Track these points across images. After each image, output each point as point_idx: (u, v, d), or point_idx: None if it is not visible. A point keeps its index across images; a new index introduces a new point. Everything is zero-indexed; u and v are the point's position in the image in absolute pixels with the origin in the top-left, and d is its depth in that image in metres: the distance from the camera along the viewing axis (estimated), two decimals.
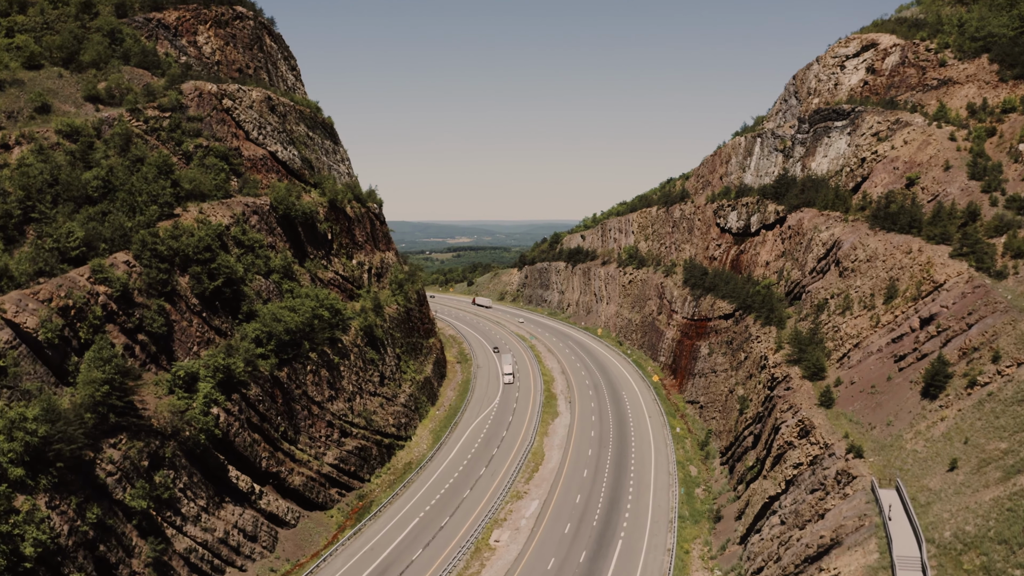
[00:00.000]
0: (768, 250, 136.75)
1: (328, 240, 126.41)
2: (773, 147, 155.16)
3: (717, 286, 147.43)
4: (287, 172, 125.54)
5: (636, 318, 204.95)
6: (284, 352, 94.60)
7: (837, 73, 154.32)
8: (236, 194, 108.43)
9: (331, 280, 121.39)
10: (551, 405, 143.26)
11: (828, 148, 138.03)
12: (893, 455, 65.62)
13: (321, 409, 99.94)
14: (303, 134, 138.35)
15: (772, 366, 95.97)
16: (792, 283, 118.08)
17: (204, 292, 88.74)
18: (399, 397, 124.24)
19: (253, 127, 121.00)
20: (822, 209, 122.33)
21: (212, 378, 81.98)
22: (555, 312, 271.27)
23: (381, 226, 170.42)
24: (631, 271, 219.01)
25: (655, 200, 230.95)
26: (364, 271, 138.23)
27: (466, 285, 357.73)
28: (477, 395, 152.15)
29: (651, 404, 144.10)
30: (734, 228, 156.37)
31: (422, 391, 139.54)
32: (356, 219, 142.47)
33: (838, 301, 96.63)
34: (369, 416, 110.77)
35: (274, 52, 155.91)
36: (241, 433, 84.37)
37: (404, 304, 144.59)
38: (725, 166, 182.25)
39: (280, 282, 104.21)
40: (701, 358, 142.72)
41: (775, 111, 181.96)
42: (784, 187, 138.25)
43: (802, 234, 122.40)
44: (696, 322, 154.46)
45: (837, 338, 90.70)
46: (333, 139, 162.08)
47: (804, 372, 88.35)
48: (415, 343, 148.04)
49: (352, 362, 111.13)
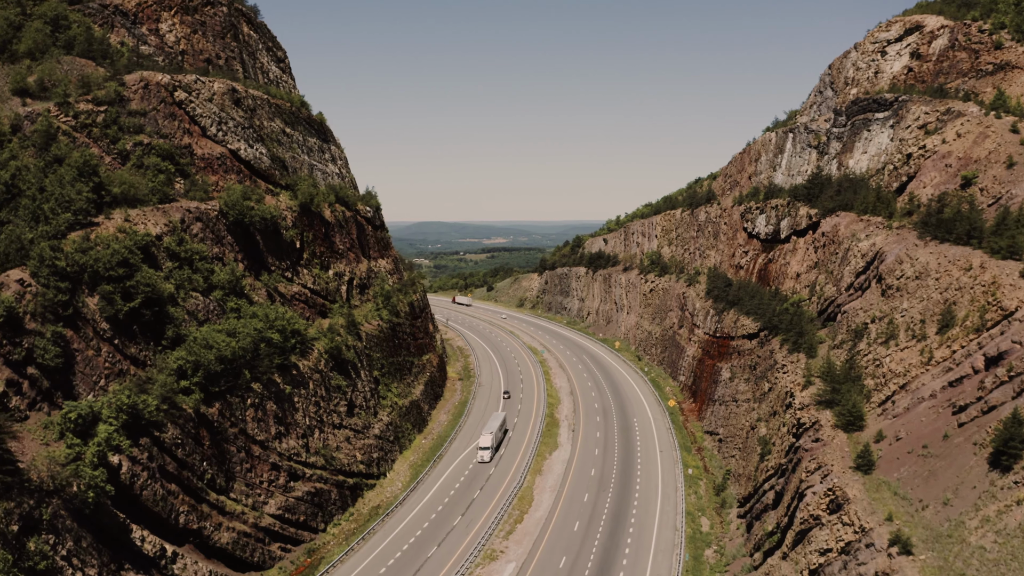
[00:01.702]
0: (799, 260, 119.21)
1: (297, 249, 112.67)
2: (806, 143, 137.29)
3: (741, 300, 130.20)
4: (251, 172, 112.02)
5: (656, 331, 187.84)
6: (216, 384, 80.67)
7: (877, 60, 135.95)
8: (180, 198, 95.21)
9: (296, 295, 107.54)
10: (551, 434, 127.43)
11: (868, 143, 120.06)
12: (952, 551, 48.72)
13: (264, 449, 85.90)
14: (277, 130, 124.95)
15: (799, 407, 78.87)
16: (825, 300, 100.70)
17: (117, 315, 75.23)
18: (372, 428, 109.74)
19: (211, 122, 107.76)
20: (861, 213, 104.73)
21: (116, 419, 68.45)
22: (574, 321, 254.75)
23: (375, 231, 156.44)
24: (653, 279, 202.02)
25: (680, 202, 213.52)
26: (343, 283, 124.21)
27: (486, 290, 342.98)
28: (472, 420, 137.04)
29: (664, 435, 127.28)
30: (762, 233, 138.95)
31: (406, 417, 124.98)
32: (337, 224, 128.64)
33: (880, 327, 79.30)
34: (330, 454, 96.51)
35: (253, 42, 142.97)
36: (151, 485, 70.60)
37: (389, 319, 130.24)
38: (754, 165, 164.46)
39: (224, 300, 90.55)
40: (722, 383, 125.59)
41: (809, 104, 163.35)
42: (818, 188, 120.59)
43: (838, 242, 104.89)
44: (718, 340, 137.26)
45: (879, 375, 73.44)
46: (321, 136, 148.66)
47: (837, 419, 71.21)
48: (402, 362, 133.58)
49: (311, 391, 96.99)
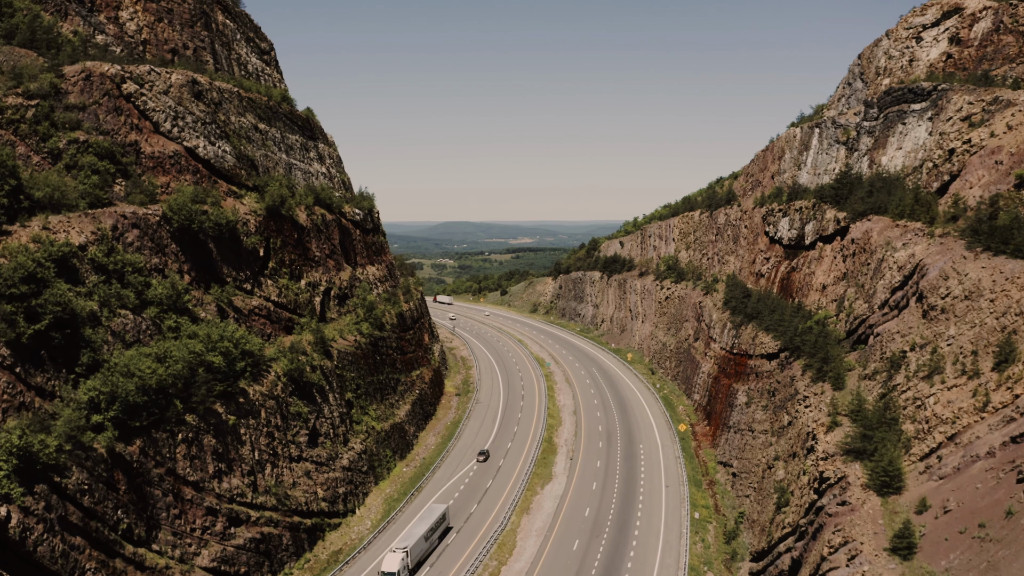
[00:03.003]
0: (825, 269, 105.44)
1: (260, 257, 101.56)
2: (834, 138, 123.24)
3: (761, 314, 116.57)
4: (210, 172, 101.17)
5: (671, 342, 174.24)
6: (137, 418, 69.54)
7: (912, 47, 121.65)
8: (119, 202, 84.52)
9: (256, 310, 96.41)
10: (547, 463, 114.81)
11: (903, 138, 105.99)
12: None
13: (198, 491, 74.67)
14: (247, 126, 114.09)
15: (822, 456, 65.48)
16: (855, 319, 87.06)
17: (20, 339, 64.52)
18: (340, 459, 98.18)
19: (165, 117, 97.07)
20: (897, 218, 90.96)
21: (5, 463, 57.69)
22: (587, 329, 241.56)
23: (364, 236, 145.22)
24: (669, 285, 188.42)
25: (699, 203, 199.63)
26: (317, 294, 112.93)
27: (499, 294, 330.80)
28: (463, 443, 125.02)
29: (672, 465, 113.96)
30: (785, 238, 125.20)
31: (386, 443, 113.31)
32: (315, 229, 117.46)
33: (922, 357, 65.77)
34: (284, 492, 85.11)
35: (230, 32, 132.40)
36: (47, 539, 59.51)
37: (370, 333, 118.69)
38: (777, 163, 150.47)
39: (160, 318, 79.55)
40: (738, 407, 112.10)
41: (837, 97, 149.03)
42: (847, 188, 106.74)
43: (870, 251, 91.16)
44: (735, 357, 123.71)
45: (921, 419, 60.00)
46: (306, 134, 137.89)
47: (869, 477, 57.83)
48: (385, 381, 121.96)
49: (263, 420, 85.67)
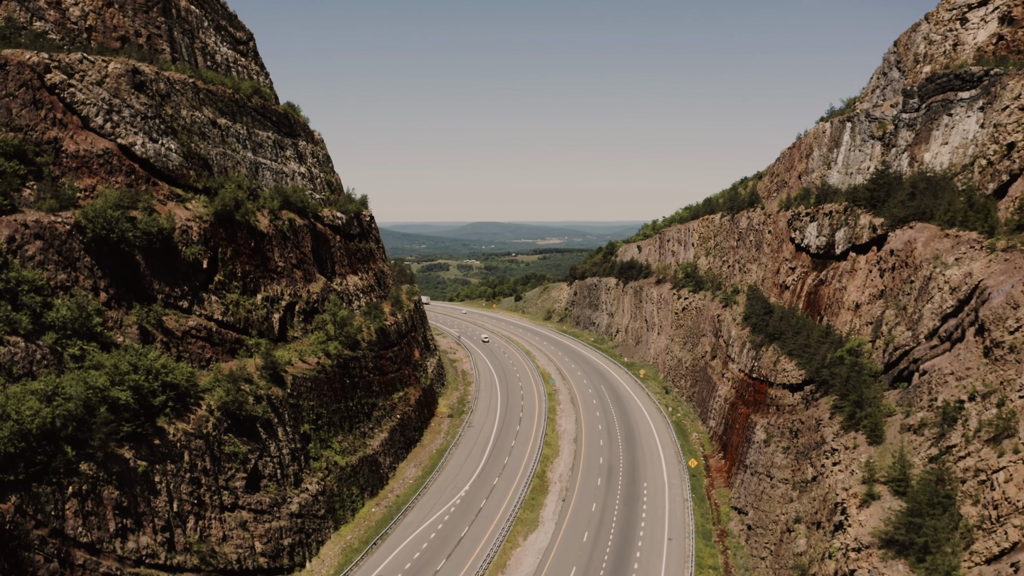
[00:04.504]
0: (859, 285, 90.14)
1: (203, 270, 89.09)
2: (868, 133, 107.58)
3: (783, 335, 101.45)
4: (150, 173, 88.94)
5: (687, 359, 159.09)
6: (12, 470, 57.24)
7: (956, 30, 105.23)
8: (26, 208, 72.48)
9: (193, 331, 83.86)
10: (535, 505, 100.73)
11: (949, 131, 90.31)
12: None
13: (94, 554, 62.07)
14: (203, 121, 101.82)
15: (854, 546, 50.62)
16: (896, 349, 71.90)
17: None
18: (289, 503, 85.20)
19: (97, 111, 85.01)
20: (946, 226, 75.56)
21: None
22: (602, 339, 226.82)
23: (346, 242, 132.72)
24: (686, 295, 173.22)
25: (720, 205, 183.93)
26: (277, 310, 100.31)
27: (514, 300, 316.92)
28: (445, 477, 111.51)
29: (679, 510, 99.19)
30: (812, 246, 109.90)
31: (352, 480, 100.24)
32: (279, 236, 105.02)
33: (986, 411, 50.75)
34: (209, 549, 72.30)
35: (194, 19, 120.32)
36: None
37: (338, 354, 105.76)
38: (805, 161, 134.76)
39: (62, 344, 67.26)
40: (756, 445, 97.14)
41: (870, 89, 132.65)
42: (883, 189, 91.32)
43: (913, 266, 75.89)
44: (754, 382, 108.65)
45: (987, 500, 45.12)
46: (282, 130, 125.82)
47: None
48: (357, 407, 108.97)
49: (186, 464, 72.91)
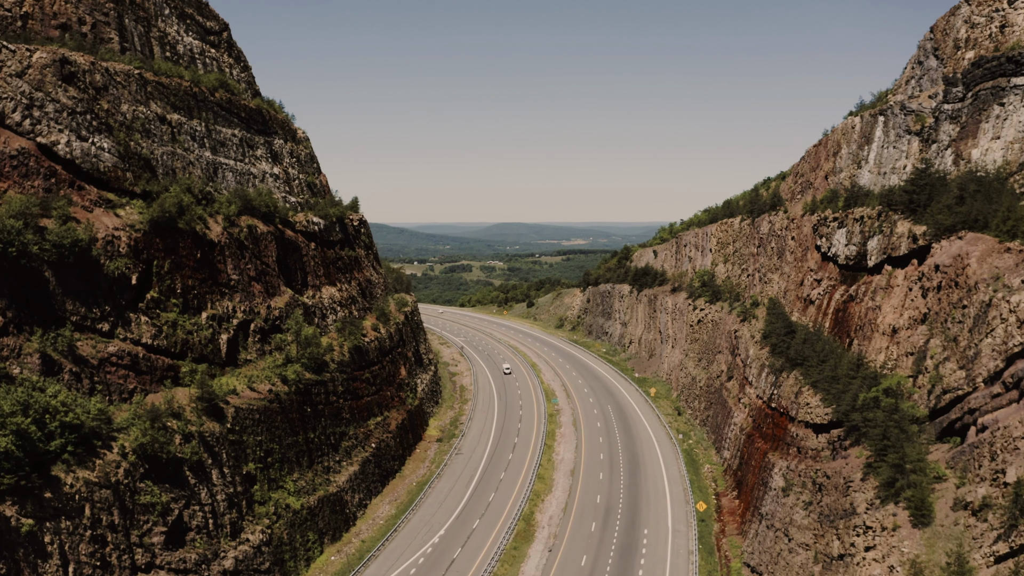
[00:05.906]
0: (896, 305, 76.05)
1: (132, 286, 77.43)
2: (903, 128, 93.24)
3: (807, 361, 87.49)
4: (74, 175, 77.48)
5: (702, 377, 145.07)
6: None
7: (1003, 9, 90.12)
8: None
9: (113, 358, 72.17)
10: (515, 558, 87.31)
11: (1002, 123, 76.36)
12: None
13: None
14: (149, 117, 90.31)
15: None
16: (947, 393, 57.93)
17: None
18: (223, 558, 73.11)
19: (15, 107, 73.73)
20: (1006, 237, 61.65)
21: None
22: (614, 350, 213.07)
23: (324, 250, 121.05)
24: (703, 306, 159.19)
25: (740, 208, 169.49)
26: (227, 330, 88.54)
27: (526, 306, 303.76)
28: (420, 517, 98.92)
29: (682, 565, 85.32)
30: (841, 256, 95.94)
31: (308, 525, 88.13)
32: (234, 245, 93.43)
33: None
34: None
35: (153, 7, 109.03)
36: None
37: (298, 378, 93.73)
38: (832, 160, 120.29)
39: None
40: (772, 492, 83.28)
41: (905, 79, 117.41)
42: (925, 192, 77.18)
43: (965, 286, 61.87)
44: (773, 412, 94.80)
45: None
46: (253, 127, 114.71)
47: None
48: (320, 438, 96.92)
49: (87, 520, 61.12)
